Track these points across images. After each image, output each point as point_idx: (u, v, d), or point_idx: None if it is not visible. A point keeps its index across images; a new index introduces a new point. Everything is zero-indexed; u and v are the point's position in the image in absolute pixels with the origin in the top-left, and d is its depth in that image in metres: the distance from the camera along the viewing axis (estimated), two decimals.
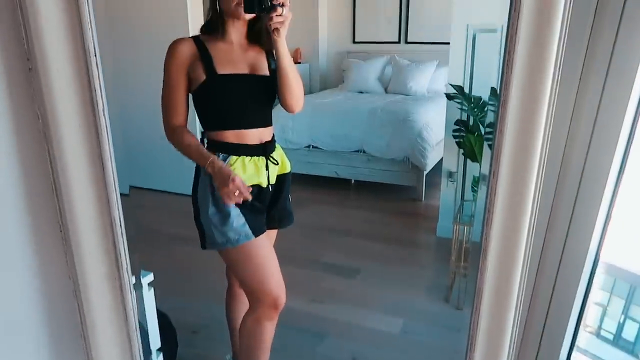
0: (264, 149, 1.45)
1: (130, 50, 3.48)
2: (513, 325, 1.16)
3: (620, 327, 1.88)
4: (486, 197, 1.06)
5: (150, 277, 1.46)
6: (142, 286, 1.41)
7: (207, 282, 2.51)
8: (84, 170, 0.85)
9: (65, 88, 0.80)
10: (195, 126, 1.49)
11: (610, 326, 1.84)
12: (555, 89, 0.93)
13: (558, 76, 0.91)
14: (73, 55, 0.79)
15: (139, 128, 2.95)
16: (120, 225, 0.88)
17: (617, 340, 1.81)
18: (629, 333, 1.90)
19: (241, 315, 1.60)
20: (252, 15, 1.36)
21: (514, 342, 1.19)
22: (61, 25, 0.78)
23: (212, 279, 2.23)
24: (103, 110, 0.82)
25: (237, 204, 1.39)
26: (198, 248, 1.48)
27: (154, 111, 1.43)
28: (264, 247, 1.46)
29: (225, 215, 1.40)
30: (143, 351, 1.10)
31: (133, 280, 1.03)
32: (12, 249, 0.91)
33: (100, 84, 0.81)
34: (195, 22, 3.48)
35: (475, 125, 2.74)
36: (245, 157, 1.41)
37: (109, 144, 0.84)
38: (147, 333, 1.41)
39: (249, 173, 1.42)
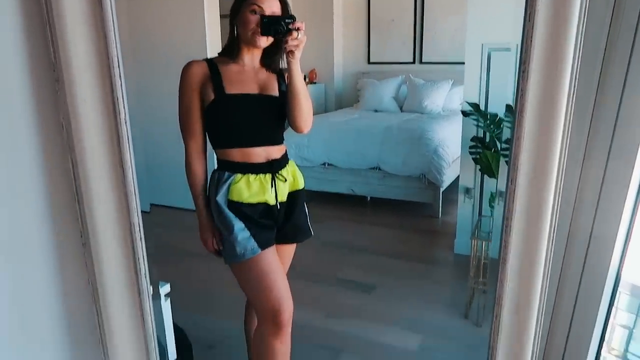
0: (271, 167, 1.45)
1: (152, 72, 3.58)
2: (534, 344, 1.13)
3: None
4: (504, 212, 1.05)
5: (167, 288, 1.48)
6: (159, 297, 1.43)
7: (224, 299, 2.51)
8: (104, 177, 0.88)
9: (88, 98, 0.84)
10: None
11: (636, 349, 1.78)
12: (572, 102, 0.93)
13: (574, 89, 0.91)
14: (97, 67, 0.83)
15: (161, 148, 3.01)
16: (140, 231, 0.91)
17: None
18: None
19: None
20: (268, 43, 1.41)
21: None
22: (86, 39, 0.82)
23: (228, 295, 2.23)
24: (125, 120, 0.85)
25: (242, 219, 1.42)
26: (215, 264, 1.49)
27: (175, 131, 1.49)
28: (269, 261, 1.44)
29: (229, 230, 1.41)
30: None
31: (151, 290, 1.05)
32: (33, 252, 0.94)
33: (122, 93, 0.84)
34: (212, 45, 3.59)
35: (492, 141, 2.74)
36: (250, 175, 1.43)
37: (129, 150, 0.86)
38: (164, 346, 1.42)
39: (253, 191, 1.43)
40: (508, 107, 2.66)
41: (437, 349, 2.14)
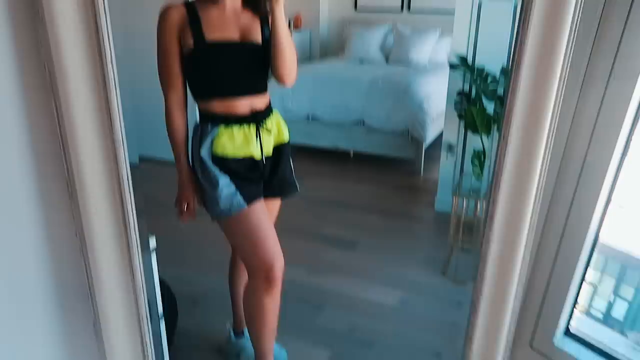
0: (255, 117, 1.40)
1: (138, 20, 3.39)
2: (515, 295, 1.17)
3: (610, 306, 1.90)
4: (493, 170, 1.05)
5: (153, 242, 1.44)
6: (148, 250, 1.39)
7: (208, 254, 2.51)
8: (91, 126, 0.81)
9: (71, 36, 0.76)
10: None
11: (600, 305, 1.86)
12: (568, 60, 0.90)
13: (572, 45, 0.89)
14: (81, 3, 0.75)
15: (150, 98, 2.88)
16: (128, 182, 0.86)
17: (606, 319, 1.83)
18: (619, 312, 1.92)
19: (243, 284, 1.60)
20: None
21: (514, 314, 1.20)
22: None
23: (212, 251, 2.22)
24: (111, 60, 0.78)
25: (228, 174, 1.38)
26: (201, 219, 1.47)
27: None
28: (258, 216, 1.42)
29: (214, 185, 1.38)
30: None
31: (139, 244, 1.02)
32: (20, 205, 0.88)
33: (107, 31, 0.76)
34: None
35: (477, 96, 2.72)
36: (234, 126, 1.38)
37: (116, 94, 0.80)
38: (150, 300, 1.40)
39: (237, 144, 1.39)
40: (504, 70, 2.61)
41: (416, 305, 2.20)
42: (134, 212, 0.96)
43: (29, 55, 0.82)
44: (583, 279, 1.39)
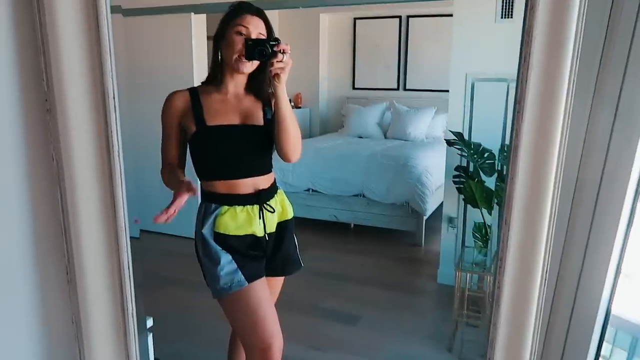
0: (258, 198, 1.42)
1: (143, 96, 3.56)
2: None
3: None
4: (498, 246, 1.05)
5: (149, 323, 1.42)
6: (144, 331, 1.37)
7: (207, 329, 2.45)
8: (94, 213, 0.85)
9: (82, 130, 0.81)
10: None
11: None
12: (565, 137, 0.94)
13: (567, 123, 0.92)
14: (92, 98, 0.80)
15: (152, 173, 2.96)
16: (129, 268, 0.87)
17: None
18: None
19: None
20: (252, 69, 1.39)
21: None
22: (82, 69, 0.79)
23: (212, 326, 2.17)
24: (118, 154, 0.82)
25: (229, 251, 1.39)
26: (200, 293, 1.45)
27: None
28: (258, 294, 1.40)
29: (215, 262, 1.38)
30: None
31: (137, 328, 1.01)
32: (17, 290, 0.89)
33: (117, 127, 0.81)
34: (200, 72, 3.59)
35: (475, 171, 2.76)
36: (237, 206, 1.40)
37: (122, 188, 0.83)
38: None
39: (239, 222, 1.40)
40: (502, 147, 2.68)
41: None
42: (134, 300, 0.95)
43: (36, 142, 0.87)
44: (598, 355, 1.35)
